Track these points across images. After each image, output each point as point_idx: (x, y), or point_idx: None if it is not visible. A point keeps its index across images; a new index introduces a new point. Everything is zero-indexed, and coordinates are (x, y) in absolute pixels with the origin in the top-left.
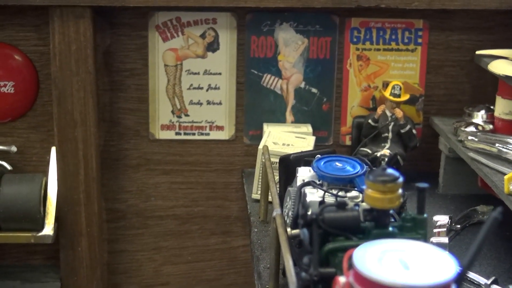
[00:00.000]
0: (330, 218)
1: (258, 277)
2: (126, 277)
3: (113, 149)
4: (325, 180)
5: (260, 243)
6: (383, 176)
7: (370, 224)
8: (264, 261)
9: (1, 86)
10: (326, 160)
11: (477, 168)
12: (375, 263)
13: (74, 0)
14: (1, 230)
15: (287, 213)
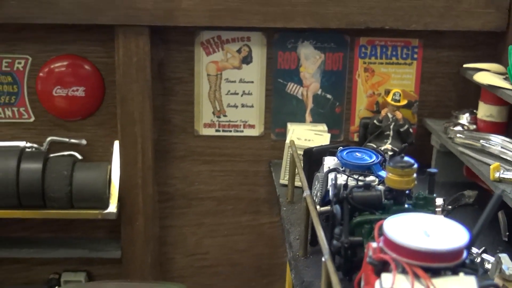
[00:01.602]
0: (358, 197)
1: (289, 246)
2: (173, 247)
3: (164, 143)
4: (347, 167)
5: (289, 219)
6: (401, 163)
7: (389, 202)
8: (294, 234)
9: (74, 90)
10: (348, 151)
11: (466, 160)
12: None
13: (135, 20)
14: (74, 208)
15: (316, 194)
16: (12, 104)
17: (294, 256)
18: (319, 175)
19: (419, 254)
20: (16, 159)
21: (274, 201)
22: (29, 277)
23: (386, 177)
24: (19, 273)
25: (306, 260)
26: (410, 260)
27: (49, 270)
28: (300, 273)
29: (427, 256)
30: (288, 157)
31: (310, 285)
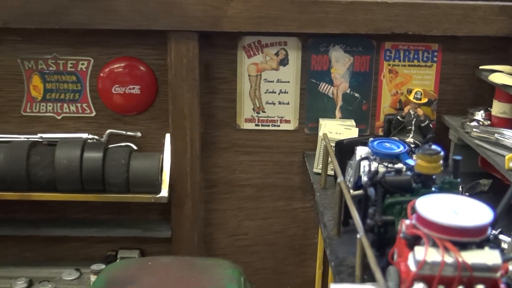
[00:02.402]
0: (390, 181)
1: (323, 227)
2: (216, 228)
3: (210, 136)
4: (378, 156)
5: (322, 203)
6: (429, 150)
7: (418, 185)
8: (327, 216)
9: (130, 88)
10: (378, 141)
11: (482, 152)
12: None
13: (186, 27)
14: (130, 192)
15: (349, 180)
16: (76, 100)
17: (329, 235)
18: (352, 163)
19: (449, 230)
20: (80, 149)
21: (307, 188)
22: (89, 254)
23: (416, 163)
24: (81, 250)
25: (339, 239)
26: (441, 235)
27: (107, 248)
28: (335, 250)
29: (456, 232)
30: (321, 148)
31: (344, 260)
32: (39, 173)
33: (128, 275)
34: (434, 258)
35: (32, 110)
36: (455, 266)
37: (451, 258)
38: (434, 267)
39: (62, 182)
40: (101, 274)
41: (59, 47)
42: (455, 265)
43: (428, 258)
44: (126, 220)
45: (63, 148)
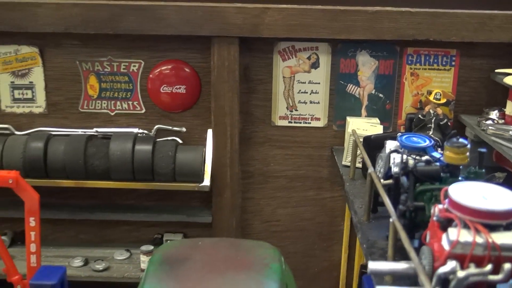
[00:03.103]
0: (421, 170)
1: (354, 213)
2: (252, 215)
3: (247, 131)
4: (406, 149)
5: (352, 192)
6: (457, 143)
7: (446, 175)
8: (357, 203)
9: (177, 88)
10: (406, 136)
11: (498, 147)
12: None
13: (228, 33)
14: (176, 181)
15: (379, 170)
16: (128, 98)
17: (359, 221)
18: (382, 155)
19: (479, 213)
20: (131, 142)
21: (334, 180)
22: (138, 237)
23: (444, 154)
24: (130, 233)
25: (369, 224)
26: (472, 218)
27: (154, 231)
28: (366, 233)
29: (485, 215)
30: (350, 143)
31: (375, 243)
32: (95, 163)
33: (181, 253)
34: (466, 238)
35: (88, 107)
36: (485, 246)
37: (481, 239)
38: (466, 247)
39: (115, 172)
40: (157, 252)
41: (113, 51)
42: (485, 245)
43: (460, 239)
44: (171, 207)
45: (116, 141)
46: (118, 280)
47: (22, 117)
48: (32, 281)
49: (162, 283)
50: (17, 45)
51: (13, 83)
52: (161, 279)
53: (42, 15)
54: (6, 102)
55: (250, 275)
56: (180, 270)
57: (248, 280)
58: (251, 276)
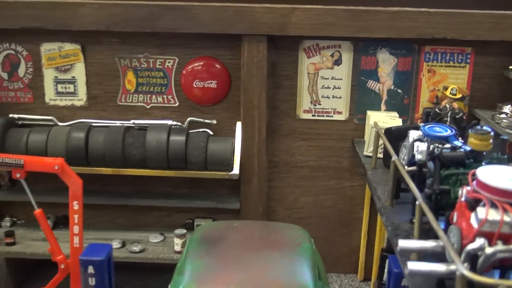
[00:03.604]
0: (447, 155)
1: (378, 199)
2: (277, 203)
3: (274, 124)
4: (429, 138)
5: (374, 180)
6: (481, 131)
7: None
8: (380, 190)
9: (208, 83)
10: (429, 126)
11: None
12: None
13: (257, 31)
14: (207, 170)
15: (403, 158)
16: (163, 93)
17: (383, 206)
18: (405, 144)
19: (507, 193)
20: (166, 133)
21: (354, 170)
22: (170, 221)
23: (469, 141)
24: (164, 218)
25: (393, 209)
26: (500, 198)
27: (185, 217)
28: (390, 217)
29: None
30: (372, 135)
31: (399, 225)
32: (132, 152)
33: (218, 233)
34: (494, 217)
35: (126, 101)
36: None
37: (509, 218)
38: (493, 225)
39: (151, 160)
40: (196, 232)
41: (150, 48)
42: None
43: (489, 217)
44: (201, 194)
45: (152, 132)
46: (153, 261)
47: (65, 110)
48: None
49: (203, 259)
50: (61, 43)
51: (56, 78)
52: (201, 256)
53: (85, 14)
54: (50, 96)
55: (283, 253)
56: (218, 248)
57: (282, 258)
58: (284, 254)
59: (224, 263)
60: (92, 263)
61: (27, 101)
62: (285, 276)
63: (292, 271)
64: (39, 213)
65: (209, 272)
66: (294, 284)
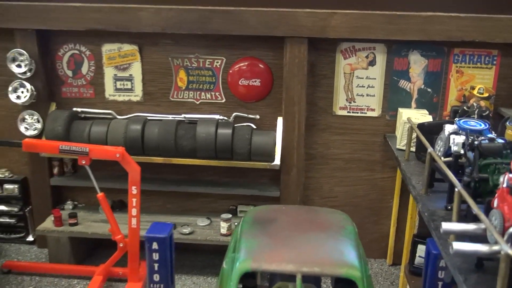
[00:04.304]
0: (486, 146)
1: (412, 188)
2: (313, 192)
3: (311, 119)
4: (464, 131)
5: (408, 171)
6: None
7: (507, 151)
8: (414, 180)
9: (253, 81)
10: (463, 120)
11: None
12: None
13: (299, 34)
14: (251, 160)
15: (439, 150)
16: (211, 90)
17: (418, 193)
18: (441, 137)
19: None
20: (214, 126)
21: (385, 163)
22: (215, 207)
23: (506, 132)
24: (209, 204)
25: (428, 196)
26: None
27: (229, 203)
28: (425, 204)
29: None
30: (405, 130)
31: (434, 212)
32: (183, 143)
33: (268, 215)
34: None
35: (177, 97)
36: None
37: None
38: None
39: (201, 151)
40: (248, 214)
41: (200, 49)
42: None
43: None
44: (243, 182)
45: (202, 125)
46: (201, 242)
47: (122, 104)
48: (147, 234)
49: (256, 238)
50: (120, 44)
51: (115, 75)
52: (255, 235)
53: (144, 17)
54: (110, 92)
55: (329, 234)
56: (270, 229)
57: (329, 238)
58: (330, 235)
59: (276, 242)
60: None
61: (89, 96)
62: (333, 255)
63: (339, 251)
64: (101, 196)
65: (263, 250)
66: (342, 262)
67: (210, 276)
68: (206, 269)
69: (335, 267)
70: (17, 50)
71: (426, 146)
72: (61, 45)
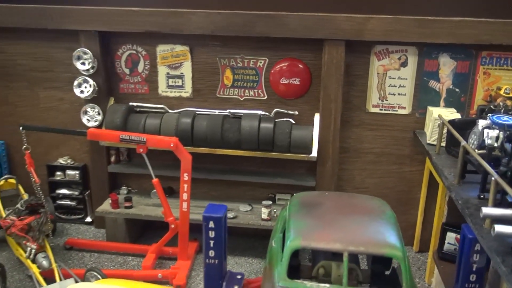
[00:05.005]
0: None
1: (445, 178)
2: (346, 182)
3: (346, 116)
4: (497, 125)
5: (440, 163)
6: None
7: None
8: (445, 171)
9: (293, 80)
10: (496, 116)
11: None
12: None
13: (337, 36)
14: (290, 152)
15: (472, 143)
16: (254, 88)
17: (451, 184)
18: (475, 131)
19: None
20: (257, 121)
21: (414, 157)
22: (255, 195)
23: None
24: (249, 192)
25: (460, 186)
26: None
27: (268, 192)
28: (459, 193)
29: None
30: (435, 126)
31: (468, 200)
32: (229, 136)
33: (313, 200)
34: None
35: (223, 94)
36: None
37: None
38: None
39: (245, 143)
40: (294, 198)
41: (245, 50)
42: None
43: None
44: (282, 173)
45: (246, 119)
46: (244, 226)
47: (174, 100)
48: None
49: (304, 219)
50: (173, 45)
51: (168, 73)
52: (303, 217)
53: (195, 21)
54: (162, 88)
55: (371, 217)
56: (316, 211)
57: (371, 221)
58: (372, 218)
59: (323, 223)
60: (213, 219)
61: (144, 92)
62: (376, 236)
63: (382, 232)
64: (156, 181)
65: (311, 230)
66: (385, 243)
67: (251, 257)
68: (247, 251)
69: (379, 247)
70: (82, 50)
71: (459, 140)
72: (120, 46)
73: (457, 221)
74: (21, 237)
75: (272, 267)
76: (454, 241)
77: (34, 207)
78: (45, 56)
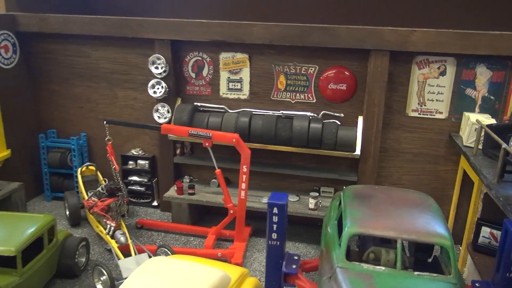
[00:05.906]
0: None
1: (484, 177)
2: (385, 179)
3: (387, 119)
4: None
5: (478, 164)
6: None
7: None
8: (484, 171)
9: (340, 86)
10: None
11: None
12: None
13: (382, 47)
14: (336, 150)
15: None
16: (304, 92)
17: (490, 182)
18: None
19: None
20: (307, 121)
21: (448, 158)
22: (301, 188)
23: None
24: (296, 184)
25: (500, 185)
26: None
27: (313, 185)
28: (499, 191)
29: None
30: (472, 129)
31: (508, 197)
32: (282, 134)
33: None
34: None
35: (277, 97)
36: None
37: None
38: None
39: (296, 140)
40: (347, 189)
41: (298, 58)
42: None
43: None
44: (325, 168)
45: (297, 120)
46: (293, 214)
47: (233, 101)
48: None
49: (360, 209)
50: (234, 52)
51: (229, 78)
52: (358, 207)
53: (256, 32)
54: (223, 91)
55: (420, 209)
56: (369, 202)
57: (420, 213)
58: (421, 211)
59: (377, 213)
60: (276, 206)
61: (207, 94)
62: (427, 226)
63: (431, 223)
64: (219, 172)
65: (367, 218)
66: (435, 233)
67: (298, 242)
68: (294, 237)
69: (430, 236)
70: (156, 56)
71: (499, 142)
72: (188, 53)
73: (491, 216)
74: (102, 216)
75: (329, 251)
76: (488, 235)
77: (113, 190)
78: (124, 60)
